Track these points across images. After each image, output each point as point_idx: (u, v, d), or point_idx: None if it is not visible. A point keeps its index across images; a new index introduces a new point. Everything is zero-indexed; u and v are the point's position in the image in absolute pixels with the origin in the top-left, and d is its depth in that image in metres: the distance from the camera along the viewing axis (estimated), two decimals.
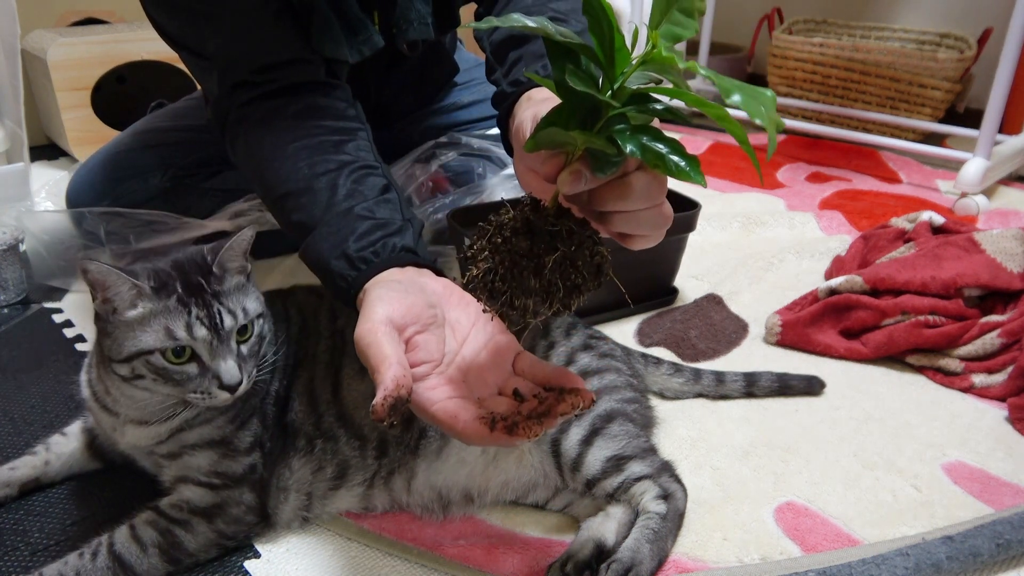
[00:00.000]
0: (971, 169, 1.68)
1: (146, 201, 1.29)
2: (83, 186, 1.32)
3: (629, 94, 0.50)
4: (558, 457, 0.79)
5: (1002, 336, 1.06)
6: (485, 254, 0.55)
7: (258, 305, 0.75)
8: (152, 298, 0.69)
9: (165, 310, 0.69)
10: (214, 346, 0.70)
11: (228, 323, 0.71)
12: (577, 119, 0.51)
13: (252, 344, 0.74)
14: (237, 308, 0.72)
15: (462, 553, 0.76)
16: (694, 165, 0.49)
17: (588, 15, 0.47)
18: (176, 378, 0.70)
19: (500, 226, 0.55)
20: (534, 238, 0.54)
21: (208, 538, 0.74)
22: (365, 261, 0.75)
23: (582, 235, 0.55)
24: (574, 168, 0.52)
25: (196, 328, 0.69)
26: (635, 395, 0.87)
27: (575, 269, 0.54)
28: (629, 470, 0.77)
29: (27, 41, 1.99)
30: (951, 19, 2.34)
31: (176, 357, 0.69)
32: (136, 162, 1.31)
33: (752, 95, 0.45)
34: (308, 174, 0.84)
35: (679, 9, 0.50)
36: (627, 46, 0.49)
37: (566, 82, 0.49)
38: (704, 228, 1.55)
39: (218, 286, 0.72)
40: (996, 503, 0.84)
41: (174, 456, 0.76)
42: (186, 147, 1.33)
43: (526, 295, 0.54)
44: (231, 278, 0.74)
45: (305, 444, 0.78)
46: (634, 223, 0.56)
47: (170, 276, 0.71)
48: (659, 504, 0.76)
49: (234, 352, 0.71)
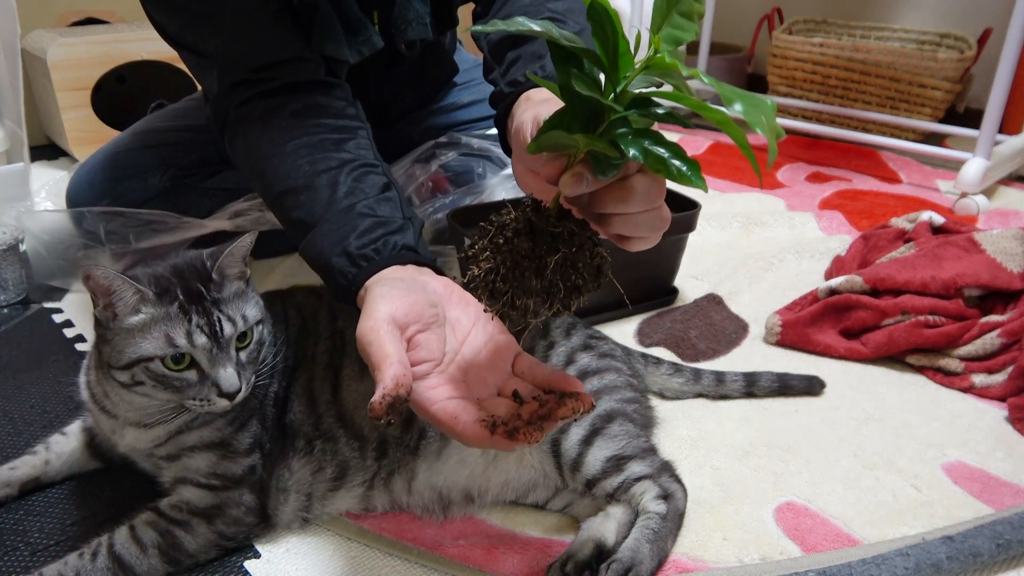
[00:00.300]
0: (971, 169, 1.68)
1: (146, 201, 1.28)
2: (83, 186, 1.32)
3: (631, 98, 0.51)
4: (558, 457, 0.79)
5: (1002, 336, 1.06)
6: (487, 254, 0.55)
7: (257, 311, 0.75)
8: (155, 304, 0.69)
9: (166, 317, 0.69)
10: (214, 354, 0.70)
11: (228, 331, 0.71)
12: (579, 122, 0.52)
13: (251, 351, 0.74)
14: (237, 315, 0.72)
15: (462, 553, 0.76)
16: (695, 170, 0.49)
17: (592, 20, 0.48)
18: (176, 385, 0.70)
19: (502, 226, 0.55)
20: (536, 239, 0.54)
21: (208, 539, 0.74)
22: (366, 259, 0.75)
23: (583, 236, 0.55)
24: (576, 170, 0.52)
25: (196, 336, 0.69)
26: (635, 395, 0.87)
27: (576, 270, 0.55)
28: (629, 470, 0.77)
29: (27, 41, 1.99)
30: (951, 19, 2.34)
31: (176, 364, 0.69)
32: (136, 162, 1.31)
33: (753, 104, 0.46)
34: (309, 171, 0.84)
35: (679, 12, 0.50)
36: (630, 51, 0.50)
37: (571, 86, 0.50)
38: (704, 228, 1.55)
39: (218, 293, 0.72)
40: (996, 503, 0.84)
41: (173, 458, 0.76)
42: (186, 147, 1.33)
43: (527, 295, 0.54)
44: (231, 284, 0.74)
45: (305, 445, 0.78)
46: (633, 225, 0.56)
47: (170, 282, 0.71)
48: (659, 504, 0.76)
49: (233, 359, 0.71)
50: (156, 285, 0.70)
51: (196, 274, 0.72)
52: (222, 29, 0.92)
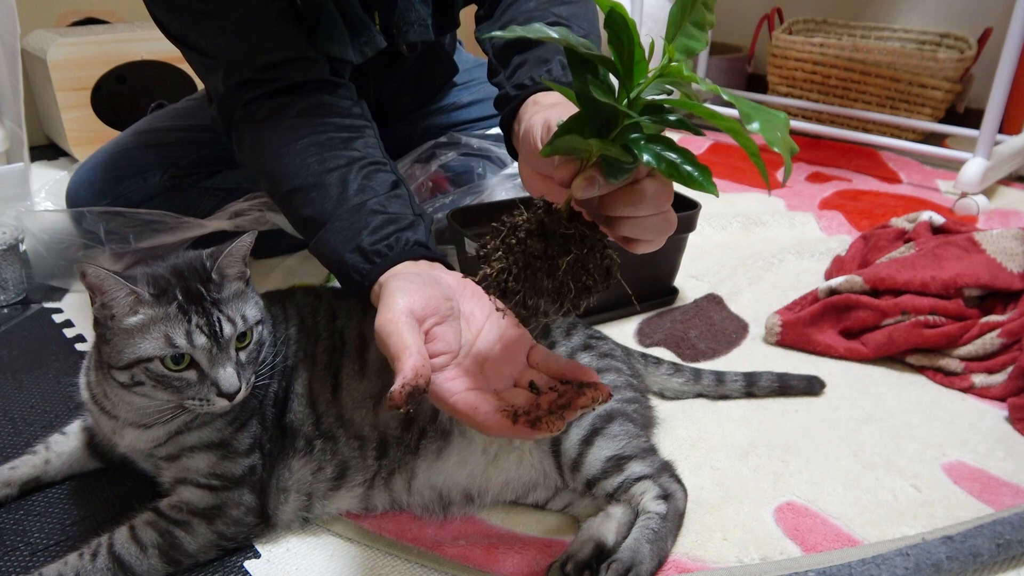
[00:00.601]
0: (971, 169, 1.68)
1: (146, 200, 1.29)
2: (83, 184, 1.32)
3: (644, 104, 0.52)
4: (558, 457, 0.79)
5: (1002, 336, 1.06)
6: (499, 254, 0.56)
7: (257, 312, 0.75)
8: (152, 305, 0.69)
9: (165, 317, 0.69)
10: (213, 354, 0.70)
11: (227, 331, 0.71)
12: (593, 127, 0.53)
13: (251, 351, 0.74)
14: (236, 316, 0.72)
15: (462, 553, 0.76)
16: (706, 175, 0.50)
17: (609, 28, 0.49)
18: (175, 385, 0.70)
19: (514, 227, 0.56)
20: (548, 240, 0.55)
21: (208, 539, 0.74)
22: (379, 255, 0.76)
23: (593, 239, 0.56)
24: (588, 174, 0.53)
25: (196, 336, 0.69)
26: (635, 395, 0.87)
27: (587, 271, 0.56)
28: (629, 470, 0.77)
29: (27, 41, 1.99)
30: (951, 19, 2.34)
31: (175, 364, 0.69)
32: (136, 161, 1.31)
33: (769, 120, 0.47)
34: (318, 170, 0.85)
35: (692, 23, 0.52)
36: (645, 59, 0.51)
37: (588, 92, 0.51)
38: (704, 228, 1.55)
39: (217, 293, 0.72)
40: (996, 503, 0.84)
41: (173, 458, 0.76)
42: (186, 146, 1.33)
43: (539, 295, 0.55)
44: (230, 285, 0.74)
45: (305, 445, 0.78)
46: (640, 228, 0.57)
47: (169, 282, 0.71)
48: (659, 504, 0.76)
49: (233, 360, 0.71)
50: (155, 285, 0.70)
51: (196, 274, 0.72)
52: (225, 28, 0.93)
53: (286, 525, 0.79)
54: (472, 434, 0.79)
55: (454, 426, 0.79)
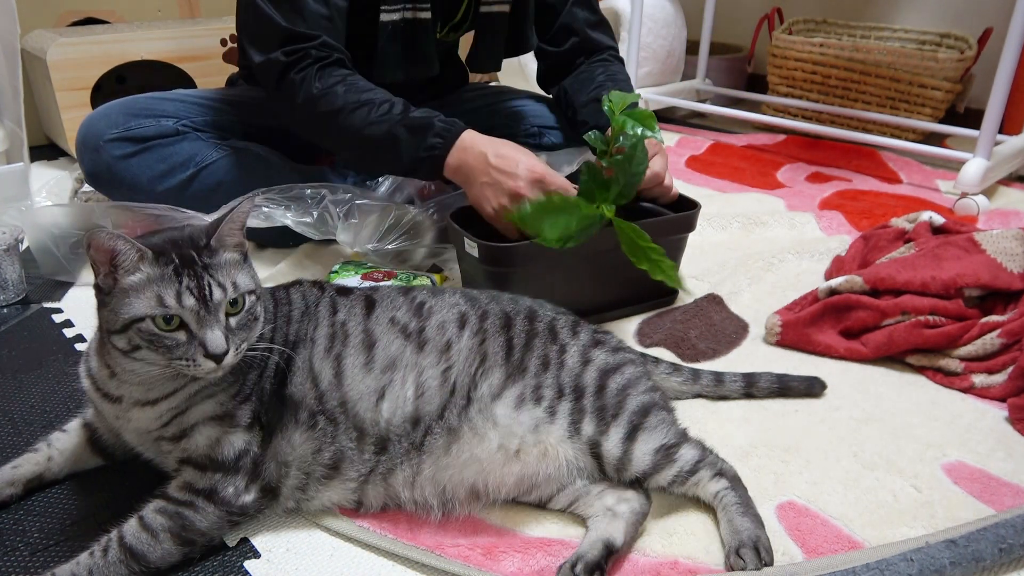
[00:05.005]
0: (971, 169, 1.68)
1: (156, 136, 1.36)
2: (99, 117, 1.38)
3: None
4: (599, 459, 0.81)
5: (1002, 336, 1.06)
6: None
7: (250, 281, 0.77)
8: (152, 264, 0.72)
9: (160, 278, 0.71)
10: (201, 315, 0.72)
11: (217, 295, 0.72)
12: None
13: (242, 318, 0.75)
14: (227, 281, 0.74)
15: (462, 553, 0.76)
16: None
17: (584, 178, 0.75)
18: (167, 344, 0.71)
19: None
20: None
21: (217, 515, 0.75)
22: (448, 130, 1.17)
23: None
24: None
25: (185, 297, 0.71)
26: (653, 382, 0.89)
27: None
28: (681, 458, 0.80)
29: (27, 41, 1.99)
30: (951, 19, 2.34)
31: (166, 324, 0.71)
32: (154, 108, 1.40)
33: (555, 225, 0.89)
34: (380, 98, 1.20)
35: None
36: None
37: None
38: (704, 228, 1.55)
39: (209, 259, 0.74)
40: (996, 503, 0.84)
41: (177, 438, 0.77)
42: (200, 107, 1.43)
43: None
44: (225, 253, 0.76)
45: (308, 418, 0.79)
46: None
47: (167, 248, 0.73)
48: (719, 481, 0.80)
49: (221, 323, 0.73)
50: (156, 249, 0.73)
51: (191, 243, 0.75)
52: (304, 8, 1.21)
53: (286, 500, 0.80)
54: (485, 430, 0.79)
55: (463, 423, 0.79)
